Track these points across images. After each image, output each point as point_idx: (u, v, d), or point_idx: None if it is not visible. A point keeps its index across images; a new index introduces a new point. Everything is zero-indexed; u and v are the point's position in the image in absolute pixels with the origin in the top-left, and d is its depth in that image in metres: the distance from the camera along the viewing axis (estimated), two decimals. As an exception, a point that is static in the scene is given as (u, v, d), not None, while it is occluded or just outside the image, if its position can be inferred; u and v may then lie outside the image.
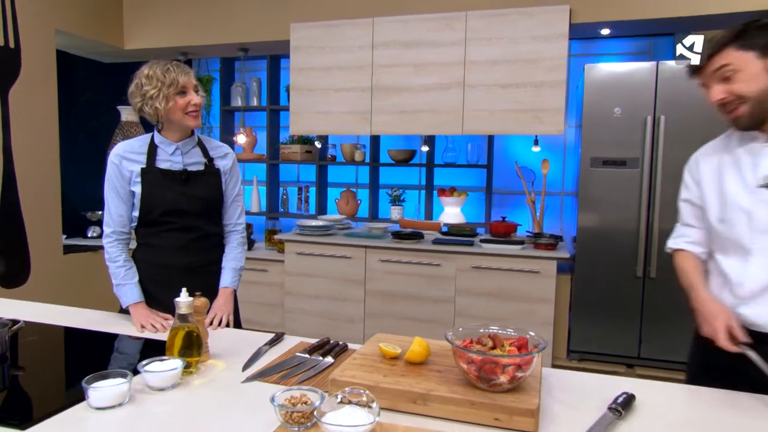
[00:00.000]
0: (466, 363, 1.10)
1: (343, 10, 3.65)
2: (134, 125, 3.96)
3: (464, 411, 1.07)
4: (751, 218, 1.34)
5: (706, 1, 3.04)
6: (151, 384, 1.20)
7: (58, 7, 3.55)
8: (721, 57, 1.29)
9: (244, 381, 1.28)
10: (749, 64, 1.27)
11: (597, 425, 1.06)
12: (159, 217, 1.77)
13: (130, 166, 1.78)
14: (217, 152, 1.88)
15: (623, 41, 4.21)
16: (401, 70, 3.48)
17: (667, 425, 1.11)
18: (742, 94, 1.29)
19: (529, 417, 1.04)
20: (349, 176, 4.96)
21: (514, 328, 1.23)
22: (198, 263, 1.83)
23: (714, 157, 1.47)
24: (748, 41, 1.27)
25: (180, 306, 1.31)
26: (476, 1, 3.36)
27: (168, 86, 1.68)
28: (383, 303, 3.49)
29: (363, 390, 1.04)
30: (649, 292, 3.07)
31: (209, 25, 3.98)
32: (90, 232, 3.98)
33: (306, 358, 1.41)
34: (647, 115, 2.99)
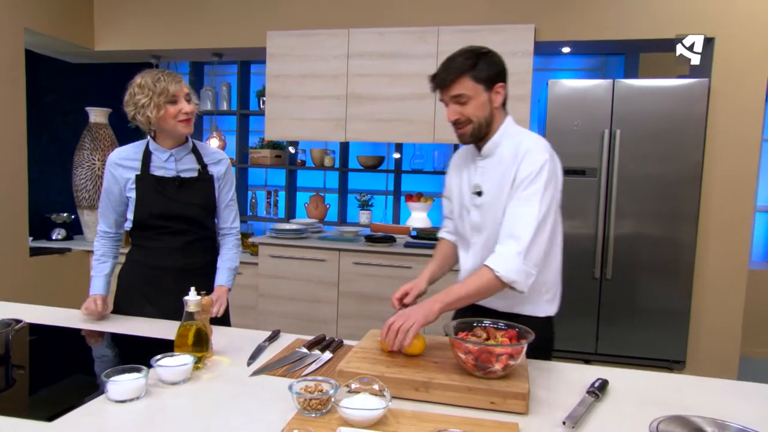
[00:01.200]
0: (464, 353, 1.21)
1: (319, 19, 3.73)
2: (103, 127, 3.89)
3: (463, 396, 1.18)
4: (470, 217, 1.63)
5: (653, 27, 3.29)
6: (165, 378, 1.25)
7: (28, 6, 3.47)
8: (459, 85, 1.48)
9: (252, 375, 1.34)
10: (479, 95, 1.50)
11: (579, 406, 1.18)
12: (153, 221, 1.81)
13: (125, 173, 1.81)
14: (211, 158, 1.92)
15: (578, 58, 4.47)
16: (376, 80, 3.58)
17: (637, 404, 1.25)
18: (470, 117, 1.51)
19: (521, 400, 1.16)
20: (317, 181, 5.02)
21: (504, 323, 1.34)
22: (192, 266, 1.86)
23: (461, 162, 1.71)
24: (479, 73, 1.48)
25: (189, 304, 1.36)
26: (448, 18, 3.51)
27: (158, 95, 1.70)
28: (357, 304, 3.57)
29: (374, 379, 1.13)
30: (605, 292, 3.28)
31: (183, 29, 3.96)
32: (55, 235, 3.87)
33: (306, 353, 1.48)
34: (604, 128, 3.20)
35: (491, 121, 1.54)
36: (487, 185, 1.58)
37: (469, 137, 1.55)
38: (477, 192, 1.59)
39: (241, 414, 1.13)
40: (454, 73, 1.48)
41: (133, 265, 1.88)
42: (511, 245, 1.44)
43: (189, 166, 1.87)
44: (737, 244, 3.28)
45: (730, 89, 3.22)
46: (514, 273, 1.41)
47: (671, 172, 3.15)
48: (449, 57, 1.52)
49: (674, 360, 3.28)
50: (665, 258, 3.19)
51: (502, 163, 1.55)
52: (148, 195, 1.80)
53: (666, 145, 3.14)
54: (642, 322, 3.24)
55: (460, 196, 1.68)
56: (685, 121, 3.12)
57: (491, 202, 1.56)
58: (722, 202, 3.27)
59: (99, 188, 3.79)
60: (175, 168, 1.84)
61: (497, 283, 1.42)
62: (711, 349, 3.32)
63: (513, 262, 1.41)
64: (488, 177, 1.58)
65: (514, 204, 1.49)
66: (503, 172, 1.53)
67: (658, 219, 3.19)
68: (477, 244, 1.63)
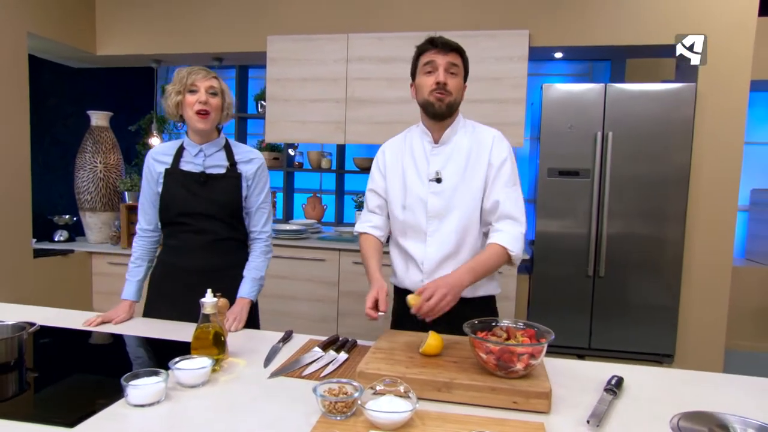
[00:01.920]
0: (485, 353, 1.17)
1: (318, 25, 3.67)
2: (105, 130, 3.79)
3: (485, 396, 1.14)
4: (426, 205, 1.59)
5: (642, 33, 3.29)
6: (183, 381, 1.19)
7: (32, 10, 3.37)
8: (457, 57, 1.54)
9: (270, 377, 1.29)
10: (461, 77, 1.57)
11: (600, 404, 1.15)
12: (175, 217, 1.74)
13: (158, 167, 1.77)
14: (243, 157, 1.81)
15: (566, 63, 4.47)
16: (375, 83, 3.54)
17: (654, 401, 1.22)
18: (451, 91, 1.54)
19: (544, 399, 1.12)
20: (314, 182, 4.96)
21: (523, 322, 1.30)
22: (213, 267, 1.77)
23: (398, 151, 1.68)
24: (466, 62, 1.58)
25: (205, 306, 1.31)
26: (445, 23, 3.47)
27: (182, 84, 1.68)
28: (356, 303, 3.52)
29: (398, 381, 1.08)
30: (598, 289, 3.27)
31: (184, 34, 3.88)
32: (57, 236, 3.76)
33: (321, 353, 1.43)
34: (597, 131, 3.19)
35: (457, 107, 1.58)
36: (447, 172, 1.58)
37: (445, 107, 1.54)
38: (437, 179, 1.58)
39: (264, 417, 1.07)
40: (457, 45, 1.55)
41: (161, 265, 1.82)
42: (514, 226, 1.53)
43: (217, 162, 1.78)
44: (722, 242, 3.29)
45: (715, 93, 3.23)
46: (521, 251, 1.53)
47: (660, 173, 3.15)
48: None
49: (664, 354, 3.27)
50: (655, 256, 3.19)
51: (461, 151, 1.58)
52: (171, 189, 1.74)
53: (656, 146, 3.14)
54: (633, 318, 3.23)
55: (405, 186, 1.63)
56: (674, 123, 3.12)
57: (453, 188, 1.57)
58: (708, 201, 3.27)
59: (100, 191, 3.71)
60: (202, 164, 1.77)
61: (507, 258, 1.53)
62: (698, 342, 3.33)
63: (521, 242, 1.53)
64: (447, 163, 1.58)
65: (502, 190, 1.55)
66: (467, 157, 1.58)
67: (648, 218, 3.18)
68: (436, 232, 1.59)
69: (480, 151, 1.57)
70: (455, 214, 1.57)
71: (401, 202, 1.64)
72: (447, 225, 1.58)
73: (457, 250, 1.59)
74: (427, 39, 1.57)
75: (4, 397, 1.17)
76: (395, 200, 1.65)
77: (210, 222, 1.75)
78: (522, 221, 1.54)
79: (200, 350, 1.29)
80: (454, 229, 1.58)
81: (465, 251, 1.59)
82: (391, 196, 1.67)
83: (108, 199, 3.75)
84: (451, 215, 1.57)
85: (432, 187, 1.58)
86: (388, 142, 1.75)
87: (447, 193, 1.57)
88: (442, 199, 1.58)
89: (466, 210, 1.57)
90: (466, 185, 1.56)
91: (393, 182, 1.66)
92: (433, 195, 1.58)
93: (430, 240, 1.60)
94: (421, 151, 1.62)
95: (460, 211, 1.57)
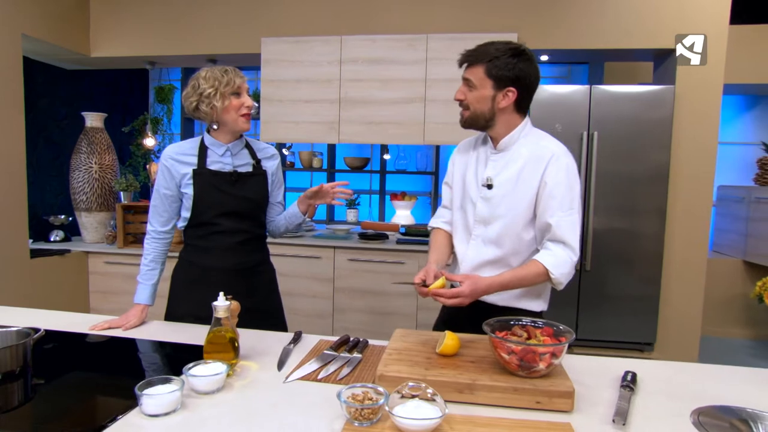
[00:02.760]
0: (507, 353, 1.10)
1: (312, 27, 3.56)
2: (99, 131, 3.62)
3: (508, 397, 1.07)
4: (475, 209, 1.51)
5: (623, 38, 3.26)
6: (198, 388, 1.10)
7: (26, 12, 3.19)
8: (472, 71, 1.42)
9: (286, 381, 1.20)
10: (485, 88, 1.41)
11: (622, 401, 1.09)
12: (210, 219, 1.64)
13: (182, 168, 1.65)
14: (264, 153, 1.77)
15: (547, 66, 4.44)
16: (368, 85, 3.44)
17: (669, 396, 1.17)
18: (470, 104, 1.44)
19: (568, 398, 1.06)
20: (305, 181, 4.85)
21: (542, 321, 1.24)
22: (244, 265, 1.70)
23: (465, 153, 1.61)
24: (493, 69, 1.39)
25: (218, 310, 1.21)
26: (436, 26, 3.40)
27: (225, 85, 1.59)
28: (351, 299, 3.44)
29: (423, 384, 1.01)
30: (584, 283, 3.25)
31: (178, 35, 3.73)
32: (53, 236, 3.59)
33: (335, 355, 1.35)
34: (583, 130, 3.16)
35: (492, 117, 1.44)
36: (499, 179, 1.47)
37: (464, 121, 1.48)
38: (488, 185, 1.48)
39: (285, 424, 0.99)
40: (474, 58, 1.42)
41: (186, 265, 1.70)
42: (564, 251, 1.41)
43: (245, 161, 1.71)
44: (698, 235, 3.29)
45: (692, 96, 3.22)
46: (565, 278, 1.41)
47: (642, 171, 3.14)
48: (489, 42, 1.43)
49: (645, 342, 3.27)
50: (637, 249, 3.18)
51: (518, 161, 1.46)
52: (205, 190, 1.63)
53: (638, 145, 3.12)
54: (617, 309, 3.22)
55: (464, 187, 1.56)
56: (654, 123, 3.10)
57: (502, 195, 1.46)
58: (685, 198, 3.28)
59: (96, 191, 3.54)
60: (231, 163, 1.68)
61: (545, 279, 1.42)
62: (676, 330, 3.33)
63: (568, 268, 1.40)
64: (501, 171, 1.47)
65: (558, 210, 1.40)
66: (521, 168, 1.45)
67: (631, 214, 3.17)
68: (480, 237, 1.51)
69: (536, 166, 1.43)
70: (499, 223, 1.47)
71: (459, 201, 1.58)
72: (490, 231, 1.49)
73: (496, 259, 1.49)
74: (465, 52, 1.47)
75: (9, 407, 1.06)
76: (456, 198, 1.60)
77: (240, 221, 1.67)
78: (574, 248, 1.40)
79: (213, 355, 1.20)
80: (495, 237, 1.48)
81: (504, 260, 1.49)
82: (455, 193, 1.61)
83: (104, 199, 3.59)
84: (495, 223, 1.48)
85: (483, 192, 1.50)
86: (465, 140, 1.65)
87: (495, 200, 1.47)
88: (490, 206, 1.48)
89: (510, 220, 1.46)
90: (514, 196, 1.45)
91: (457, 179, 1.60)
92: (482, 200, 1.50)
93: (472, 243, 1.53)
94: (483, 155, 1.54)
95: (505, 221, 1.47)
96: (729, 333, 4.27)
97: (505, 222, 1.46)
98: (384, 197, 4.50)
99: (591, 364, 1.37)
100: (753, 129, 4.59)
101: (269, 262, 1.85)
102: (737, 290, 4.24)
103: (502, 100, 1.41)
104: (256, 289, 1.72)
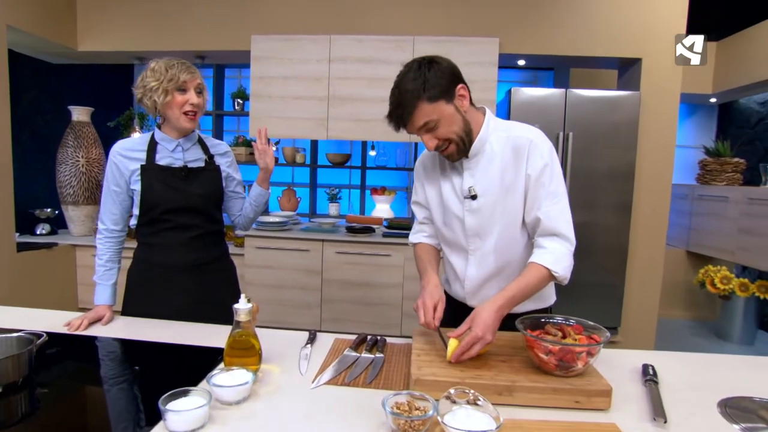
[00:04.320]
0: (545, 353, 1.00)
1: (301, 25, 3.35)
2: (86, 125, 3.31)
3: (548, 397, 0.97)
4: (463, 224, 1.30)
5: (594, 45, 3.23)
6: (224, 399, 0.94)
7: (11, 3, 2.84)
8: (419, 115, 1.15)
9: (314, 387, 1.05)
10: (444, 111, 1.16)
11: (654, 397, 1.01)
12: (160, 215, 1.45)
13: (130, 164, 1.45)
14: (217, 149, 1.60)
15: (516, 71, 4.39)
16: (356, 83, 3.28)
17: (691, 387, 1.11)
18: (447, 137, 1.19)
19: (605, 397, 0.97)
20: (287, 176, 4.64)
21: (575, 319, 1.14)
22: (200, 261, 1.52)
23: (433, 167, 1.37)
24: (432, 92, 1.14)
25: (239, 313, 1.06)
26: (422, 28, 3.27)
27: (168, 80, 1.39)
28: (339, 290, 3.29)
29: (468, 389, 0.89)
30: (557, 272, 3.21)
31: (167, 31, 3.44)
32: (39, 230, 3.27)
33: (356, 355, 1.21)
34: (559, 131, 3.11)
35: (469, 127, 1.21)
36: (481, 186, 1.25)
37: (456, 155, 1.23)
38: (471, 196, 1.25)
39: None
40: (408, 105, 1.15)
41: (141, 264, 1.51)
42: (560, 243, 1.21)
43: (196, 156, 1.53)
44: (657, 228, 3.33)
45: (654, 101, 3.23)
46: (567, 271, 1.21)
47: (612, 169, 3.13)
48: (396, 84, 1.17)
49: (610, 327, 3.28)
50: (607, 241, 3.18)
51: (494, 160, 1.23)
52: (154, 185, 1.44)
53: (608, 145, 3.11)
54: (588, 297, 3.21)
55: (442, 204, 1.33)
56: (623, 126, 3.10)
57: (492, 204, 1.24)
58: (648, 194, 3.30)
59: (83, 184, 3.24)
60: (182, 158, 1.50)
61: (550, 280, 1.21)
62: (638, 314, 3.37)
63: (567, 260, 1.21)
64: (481, 177, 1.25)
65: (545, 200, 1.21)
66: (501, 168, 1.23)
67: (602, 209, 3.16)
68: (478, 251, 1.30)
69: (517, 161, 1.21)
70: (495, 233, 1.26)
71: (441, 219, 1.35)
72: (488, 244, 1.28)
73: (500, 270, 1.30)
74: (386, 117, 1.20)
75: (12, 421, 0.89)
76: (436, 216, 1.37)
77: (193, 217, 1.50)
78: (569, 236, 1.21)
79: (235, 361, 1.04)
80: (494, 248, 1.28)
81: (509, 269, 1.30)
82: (432, 211, 1.38)
83: (90, 192, 3.29)
84: (491, 234, 1.27)
85: (467, 204, 1.27)
86: (422, 154, 1.41)
87: (484, 210, 1.25)
88: (480, 218, 1.26)
89: (506, 228, 1.26)
90: (504, 201, 1.24)
91: (431, 196, 1.37)
92: (470, 213, 1.27)
93: (471, 259, 1.31)
94: (456, 165, 1.29)
95: (501, 229, 1.26)
96: (673, 315, 4.38)
97: (501, 229, 1.26)
98: (365, 192, 4.36)
99: (604, 357, 1.29)
100: (693, 134, 4.71)
101: (228, 259, 1.66)
102: (681, 277, 4.35)
103: (462, 104, 1.19)
104: (212, 285, 1.55)
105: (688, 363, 1.28)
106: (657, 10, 3.18)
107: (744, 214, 3.41)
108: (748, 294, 3.51)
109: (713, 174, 3.87)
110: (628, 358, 1.27)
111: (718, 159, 3.84)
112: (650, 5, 3.19)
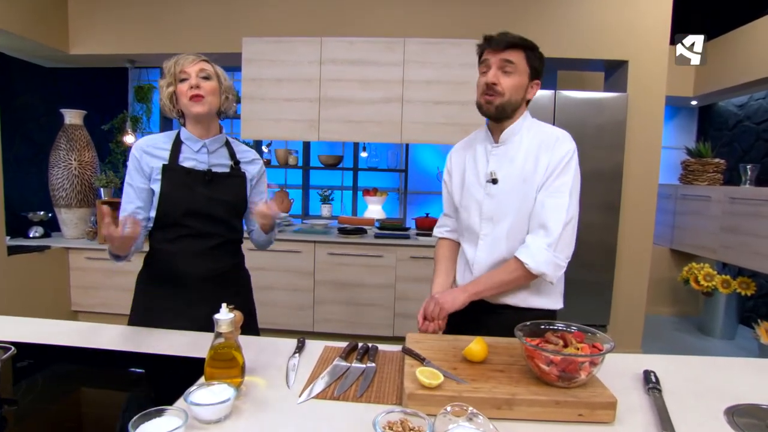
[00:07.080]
0: (546, 364, 0.90)
1: (293, 27, 3.24)
2: (79, 128, 3.18)
3: (550, 411, 0.88)
4: (480, 207, 1.30)
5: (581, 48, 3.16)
6: (203, 418, 0.84)
7: (2, 6, 2.70)
8: (515, 54, 1.21)
9: (302, 401, 0.95)
10: (523, 76, 1.23)
11: (659, 407, 0.92)
12: (178, 219, 1.32)
13: (152, 161, 1.33)
14: (245, 157, 1.45)
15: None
16: (347, 85, 3.17)
17: (694, 394, 1.02)
18: (505, 90, 1.21)
19: (610, 409, 0.88)
20: (280, 178, 4.53)
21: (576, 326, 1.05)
22: (215, 272, 1.38)
23: (462, 152, 1.40)
24: (532, 58, 1.22)
25: (220, 324, 0.95)
26: (413, 30, 3.17)
27: (171, 75, 1.31)
28: (331, 291, 3.19)
29: (465, 405, 0.79)
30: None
31: (158, 34, 3.31)
32: (32, 233, 3.12)
33: (347, 366, 1.11)
34: (548, 132, 3.03)
35: (517, 108, 1.25)
36: (503, 173, 1.25)
37: (493, 109, 1.22)
38: (492, 180, 1.26)
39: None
40: (516, 41, 1.20)
41: (152, 271, 1.38)
42: (541, 237, 1.19)
43: (221, 161, 1.40)
44: (645, 227, 3.26)
45: (640, 103, 3.17)
46: (543, 265, 1.18)
47: (600, 169, 3.05)
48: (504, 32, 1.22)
49: (600, 324, 3.21)
50: (598, 240, 3.11)
51: (520, 150, 1.25)
52: (174, 187, 1.32)
53: (596, 146, 3.03)
54: (580, 295, 3.14)
55: (464, 185, 1.34)
56: (611, 127, 3.03)
57: (509, 190, 1.24)
58: (636, 194, 3.23)
59: (75, 187, 3.11)
60: (207, 161, 1.37)
61: (527, 274, 1.20)
62: (625, 311, 3.30)
63: (542, 254, 1.18)
64: (505, 164, 1.26)
65: (545, 194, 1.20)
66: (524, 158, 1.24)
67: (592, 208, 3.09)
68: (488, 236, 1.28)
69: (540, 153, 1.22)
70: (508, 219, 1.25)
71: (459, 201, 1.35)
72: (499, 229, 1.26)
73: (509, 257, 1.26)
74: (484, 36, 1.23)
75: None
76: (455, 198, 1.37)
77: (213, 224, 1.36)
78: (552, 230, 1.17)
79: (216, 375, 0.93)
80: (505, 234, 1.26)
81: None
82: (454, 194, 1.38)
83: (83, 195, 3.15)
84: (504, 219, 1.25)
85: (488, 188, 1.28)
86: (457, 143, 1.42)
87: (502, 195, 1.25)
88: (497, 202, 1.26)
89: (520, 215, 1.24)
90: (522, 189, 1.23)
91: (456, 182, 1.37)
92: (488, 197, 1.27)
93: (481, 243, 1.30)
94: (482, 151, 1.31)
95: (514, 216, 1.24)
96: (657, 311, 4.33)
97: (515, 216, 1.24)
98: (357, 193, 4.25)
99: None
100: (675, 135, 4.66)
101: (243, 268, 1.52)
102: (665, 274, 4.30)
103: (530, 91, 1.25)
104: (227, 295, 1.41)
105: (689, 367, 1.19)
106: (643, 14, 3.12)
107: (726, 213, 3.35)
108: (730, 290, 3.46)
109: (695, 174, 3.82)
110: (627, 363, 1.17)
111: (700, 159, 3.79)
112: (636, 9, 3.12)
